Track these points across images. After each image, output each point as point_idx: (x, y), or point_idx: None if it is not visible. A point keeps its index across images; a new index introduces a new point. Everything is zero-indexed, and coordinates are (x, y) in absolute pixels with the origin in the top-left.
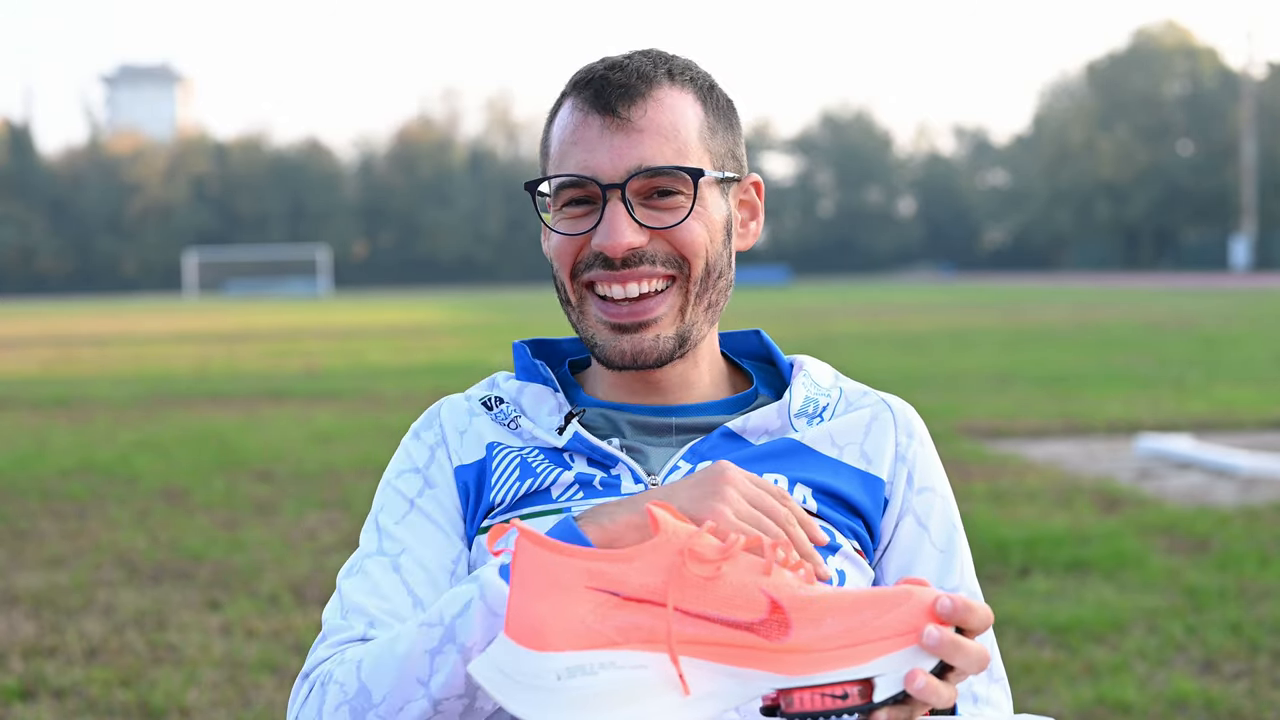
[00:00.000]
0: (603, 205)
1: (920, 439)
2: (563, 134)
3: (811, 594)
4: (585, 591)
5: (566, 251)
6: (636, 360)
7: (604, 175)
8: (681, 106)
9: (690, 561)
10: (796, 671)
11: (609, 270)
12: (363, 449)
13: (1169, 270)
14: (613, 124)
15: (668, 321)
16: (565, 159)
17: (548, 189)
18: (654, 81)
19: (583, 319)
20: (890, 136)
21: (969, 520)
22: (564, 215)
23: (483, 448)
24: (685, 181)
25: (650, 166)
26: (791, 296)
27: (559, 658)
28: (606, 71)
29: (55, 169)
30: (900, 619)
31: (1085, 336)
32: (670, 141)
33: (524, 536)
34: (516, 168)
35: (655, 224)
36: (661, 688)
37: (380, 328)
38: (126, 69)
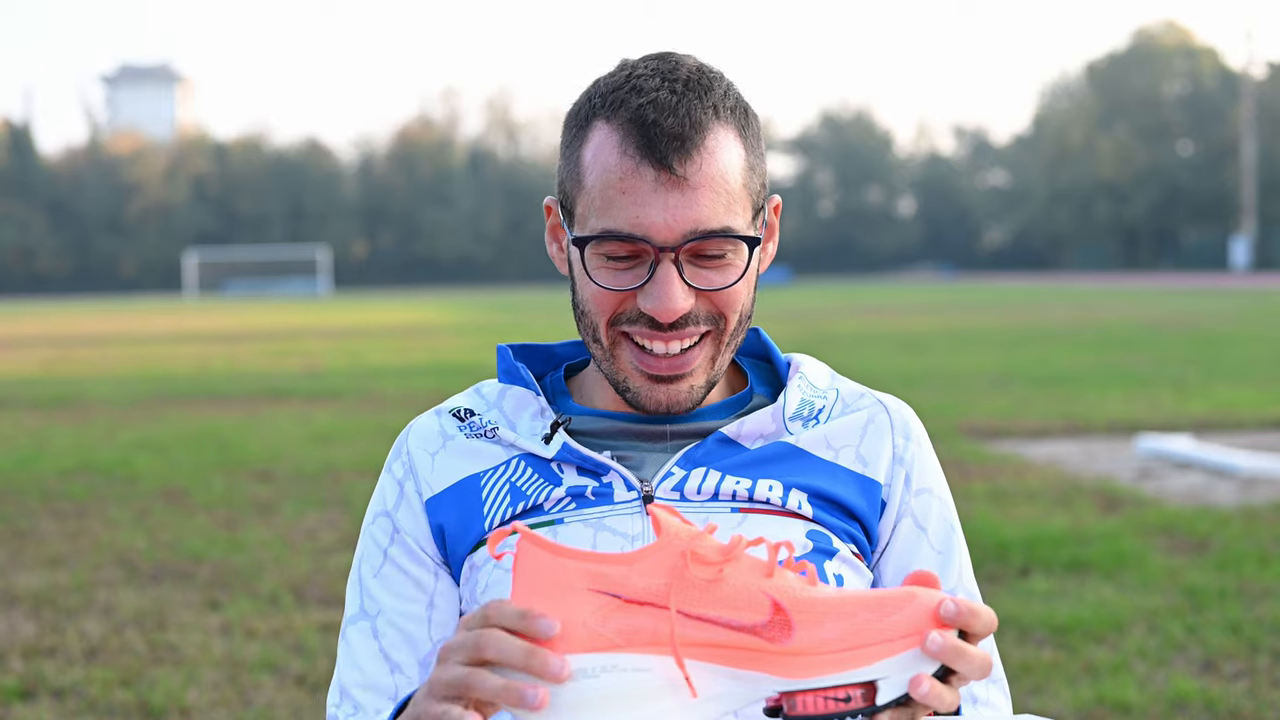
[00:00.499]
0: (652, 265)
1: (917, 440)
2: (606, 175)
3: (814, 596)
4: (587, 594)
5: (607, 304)
6: (671, 410)
7: (657, 237)
8: (728, 151)
9: (693, 563)
10: (800, 675)
11: (654, 330)
12: (363, 449)
13: (1169, 270)
14: (667, 180)
15: (701, 372)
16: (612, 208)
17: (584, 224)
18: (704, 127)
19: (614, 363)
20: (890, 136)
21: (969, 520)
22: (605, 265)
23: (458, 474)
24: (737, 248)
25: (706, 230)
26: (792, 296)
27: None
28: (657, 116)
29: (55, 169)
30: (904, 621)
31: (1085, 336)
32: (721, 197)
33: (525, 539)
34: (516, 168)
35: (703, 285)
36: (664, 690)
37: (380, 328)
38: (126, 69)
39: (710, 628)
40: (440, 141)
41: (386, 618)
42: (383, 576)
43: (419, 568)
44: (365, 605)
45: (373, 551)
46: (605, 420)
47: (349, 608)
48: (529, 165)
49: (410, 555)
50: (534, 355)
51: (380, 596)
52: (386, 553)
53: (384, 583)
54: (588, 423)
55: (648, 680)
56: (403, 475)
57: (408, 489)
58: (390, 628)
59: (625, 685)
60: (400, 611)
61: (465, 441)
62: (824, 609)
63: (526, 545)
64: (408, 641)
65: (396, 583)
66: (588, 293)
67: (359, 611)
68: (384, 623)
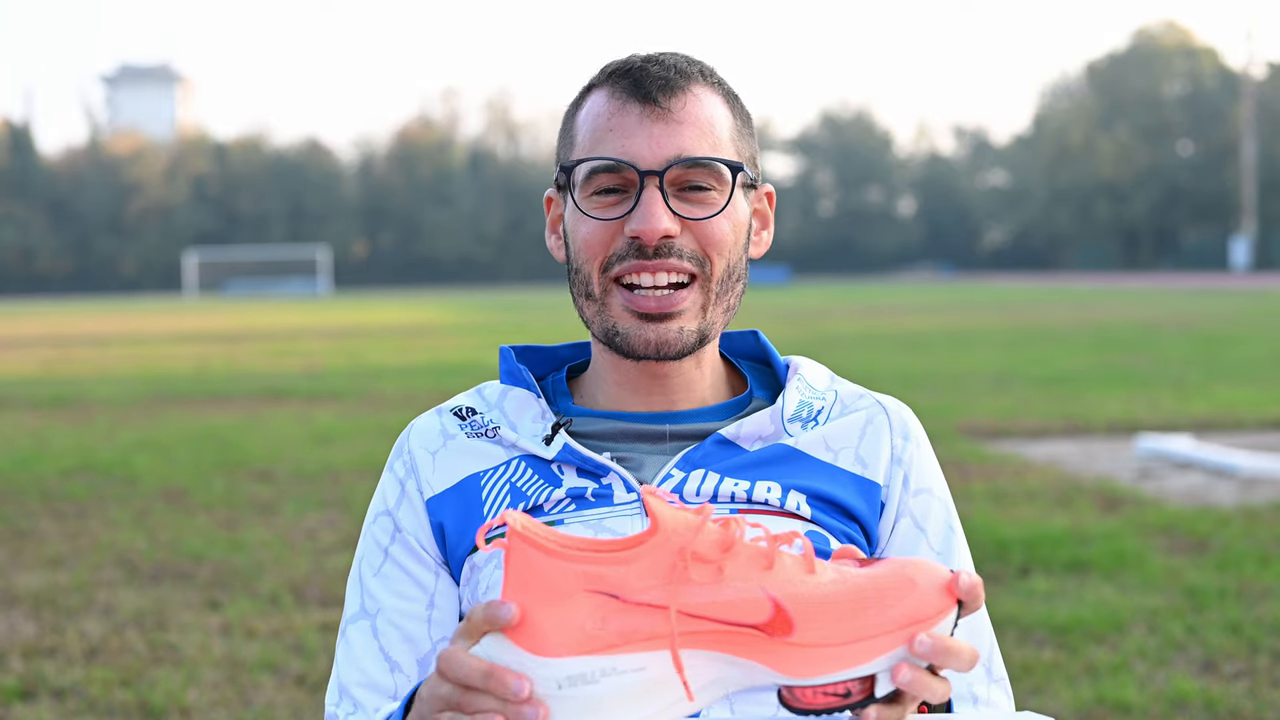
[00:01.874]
0: (639, 192)
1: (916, 440)
2: (596, 120)
3: (814, 591)
4: (584, 595)
5: (598, 240)
6: (660, 350)
7: (643, 161)
8: (715, 105)
9: (692, 563)
10: (799, 672)
11: (641, 259)
12: (363, 449)
13: (1169, 270)
14: (653, 112)
15: (690, 316)
16: (600, 144)
17: (577, 176)
18: (690, 78)
19: (604, 310)
20: (890, 136)
21: (969, 520)
22: (594, 203)
23: (459, 474)
24: (720, 177)
25: (690, 156)
26: (791, 296)
27: (559, 665)
28: (644, 63)
29: (55, 169)
30: (903, 614)
31: (1085, 336)
32: (707, 136)
33: (516, 538)
34: (516, 168)
35: (687, 215)
36: (663, 685)
37: (380, 328)
38: (126, 69)
39: (710, 623)
40: (440, 141)
41: (386, 616)
42: (383, 576)
43: (420, 567)
44: (365, 604)
45: (373, 550)
46: (606, 422)
47: (349, 607)
48: (529, 165)
49: (411, 554)
50: (535, 357)
51: (380, 595)
52: (387, 552)
53: (384, 582)
54: (588, 424)
55: (647, 678)
56: (404, 474)
57: (409, 488)
58: (390, 627)
59: (625, 687)
60: (400, 610)
61: (466, 441)
62: (824, 604)
63: (518, 544)
64: (407, 640)
65: (397, 582)
66: (580, 238)
67: (359, 610)
68: (384, 622)
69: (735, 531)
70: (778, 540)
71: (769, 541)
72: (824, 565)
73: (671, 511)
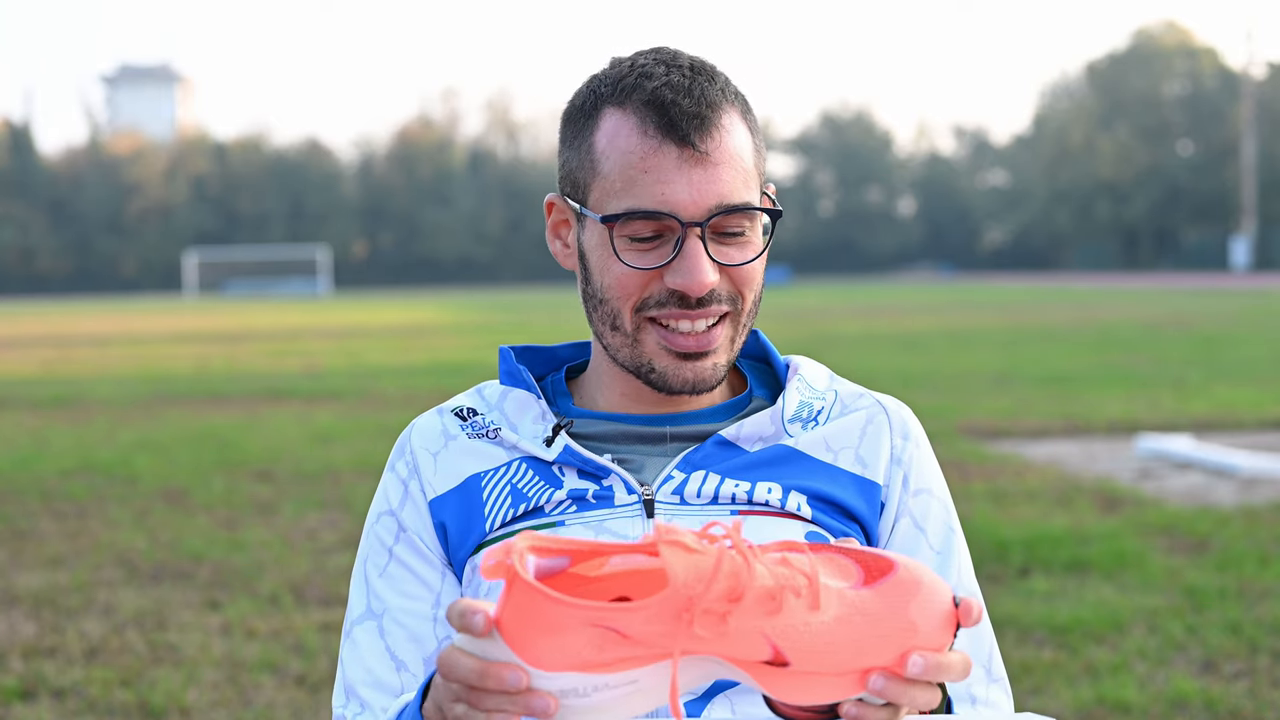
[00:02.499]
0: (679, 242)
1: (916, 440)
2: (626, 157)
3: (816, 636)
4: (585, 628)
5: (634, 285)
6: (696, 388)
7: (684, 212)
8: (739, 132)
9: (700, 619)
10: (789, 698)
11: (683, 308)
12: (363, 449)
13: (1169, 270)
14: (691, 157)
15: (723, 351)
16: (635, 188)
17: (603, 206)
18: (718, 107)
19: (637, 345)
20: (890, 136)
21: (969, 520)
22: (630, 247)
23: (461, 474)
24: (754, 217)
25: (729, 204)
26: (791, 296)
27: (553, 678)
28: (669, 91)
29: (55, 169)
30: (900, 654)
31: (1085, 336)
32: (739, 174)
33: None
34: (516, 168)
35: (726, 261)
36: (651, 691)
37: (380, 328)
38: (126, 69)
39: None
40: (440, 141)
41: (392, 616)
42: (388, 575)
43: (425, 565)
44: (371, 604)
45: (377, 551)
46: (606, 423)
47: (353, 608)
48: (529, 165)
49: (416, 553)
50: (535, 357)
51: (386, 595)
52: (392, 551)
53: (389, 581)
54: (589, 425)
55: (638, 687)
56: (406, 475)
57: (412, 488)
58: (396, 626)
59: (616, 699)
60: (406, 610)
61: (467, 441)
62: (825, 648)
63: (520, 585)
64: (414, 640)
65: (402, 581)
66: (611, 277)
67: (365, 611)
68: (390, 621)
69: (745, 575)
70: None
71: (776, 580)
72: (829, 596)
73: (685, 565)
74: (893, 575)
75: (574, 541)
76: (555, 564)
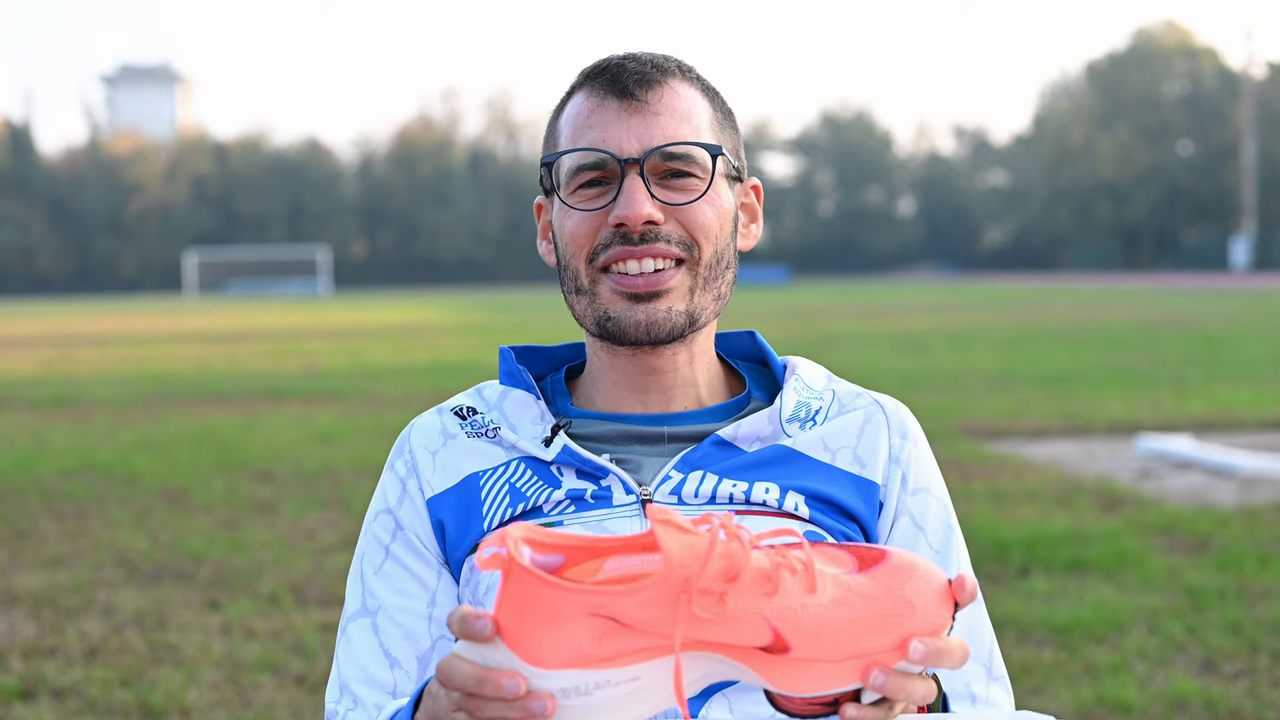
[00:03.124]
0: (620, 180)
1: (914, 440)
2: (576, 119)
3: (814, 616)
4: (584, 618)
5: (583, 233)
6: (650, 331)
7: (622, 151)
8: (693, 98)
9: (697, 598)
10: (788, 687)
11: (627, 245)
12: (363, 449)
13: (1169, 270)
14: (630, 106)
15: (679, 296)
16: (580, 140)
17: (560, 175)
18: (668, 72)
19: (595, 300)
20: (890, 136)
21: (969, 520)
22: (578, 197)
23: (459, 473)
24: (701, 164)
25: (669, 143)
26: (791, 296)
27: (554, 676)
28: (621, 60)
29: (55, 169)
30: (898, 638)
31: (1085, 336)
32: (685, 123)
33: (517, 573)
34: (516, 168)
35: (670, 201)
36: (654, 690)
37: (380, 328)
38: (126, 69)
39: (709, 645)
40: (440, 141)
41: (387, 614)
42: (384, 573)
43: (422, 564)
44: (366, 602)
45: (374, 548)
46: (604, 424)
47: (349, 605)
48: (529, 165)
49: (413, 552)
50: (535, 357)
51: (381, 593)
52: (388, 549)
53: (385, 579)
54: (587, 426)
55: (640, 685)
56: (405, 473)
57: (410, 487)
58: (391, 624)
59: (619, 696)
60: (401, 608)
61: (466, 440)
62: (822, 627)
63: (517, 571)
64: (408, 638)
65: (398, 579)
66: (567, 233)
67: (360, 608)
68: (385, 619)
69: (740, 556)
70: (780, 551)
71: (771, 562)
72: (824, 580)
73: (679, 542)
74: (886, 562)
75: (568, 536)
76: (550, 561)
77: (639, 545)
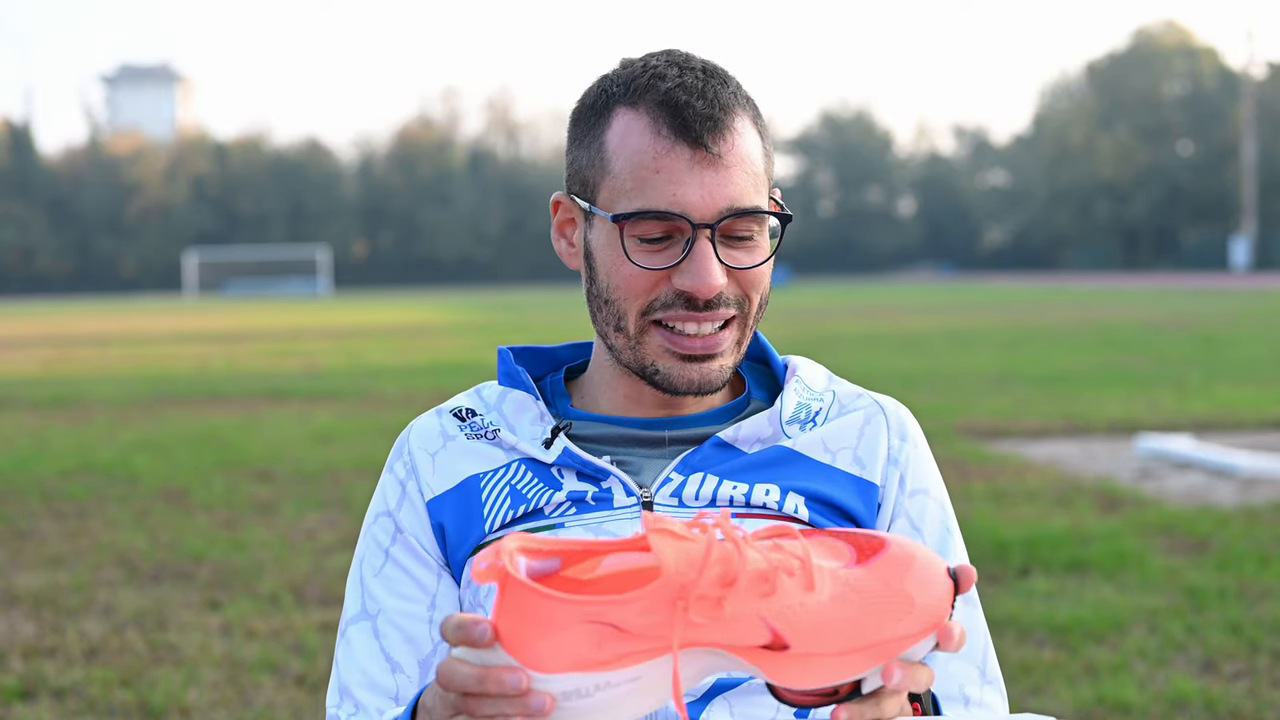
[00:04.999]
0: (688, 243)
1: (913, 441)
2: (638, 157)
3: (813, 615)
4: (582, 625)
5: (642, 286)
6: (702, 388)
7: (695, 213)
8: (750, 133)
9: (694, 605)
10: (790, 681)
11: (690, 310)
12: (363, 449)
13: (1169, 270)
14: (703, 159)
15: (729, 354)
16: (646, 188)
17: (613, 206)
18: (730, 111)
19: (640, 348)
20: (890, 136)
21: (969, 520)
22: (639, 247)
23: (459, 475)
24: (764, 221)
25: (740, 207)
26: (791, 296)
27: (554, 680)
28: (683, 92)
29: (55, 169)
30: (899, 631)
31: (1085, 336)
32: (750, 177)
33: (513, 588)
34: (516, 168)
35: (734, 264)
36: (654, 686)
37: (380, 328)
38: (126, 69)
39: (708, 649)
40: (440, 141)
41: (387, 617)
42: (384, 576)
43: (422, 567)
44: (366, 605)
45: (374, 551)
46: (605, 425)
47: (349, 608)
48: (529, 165)
49: (413, 555)
50: (534, 358)
51: (381, 596)
52: (388, 552)
53: (385, 582)
54: (588, 428)
55: (640, 684)
56: (405, 475)
57: (410, 489)
58: (391, 627)
59: (620, 697)
60: (401, 611)
61: (466, 442)
62: (821, 624)
63: (513, 585)
64: (409, 641)
65: (398, 582)
66: (620, 277)
67: (360, 611)
68: (385, 622)
69: (737, 560)
70: (777, 547)
71: (768, 562)
72: (823, 577)
73: (675, 551)
74: (885, 552)
75: (563, 541)
76: (546, 566)
77: (634, 546)
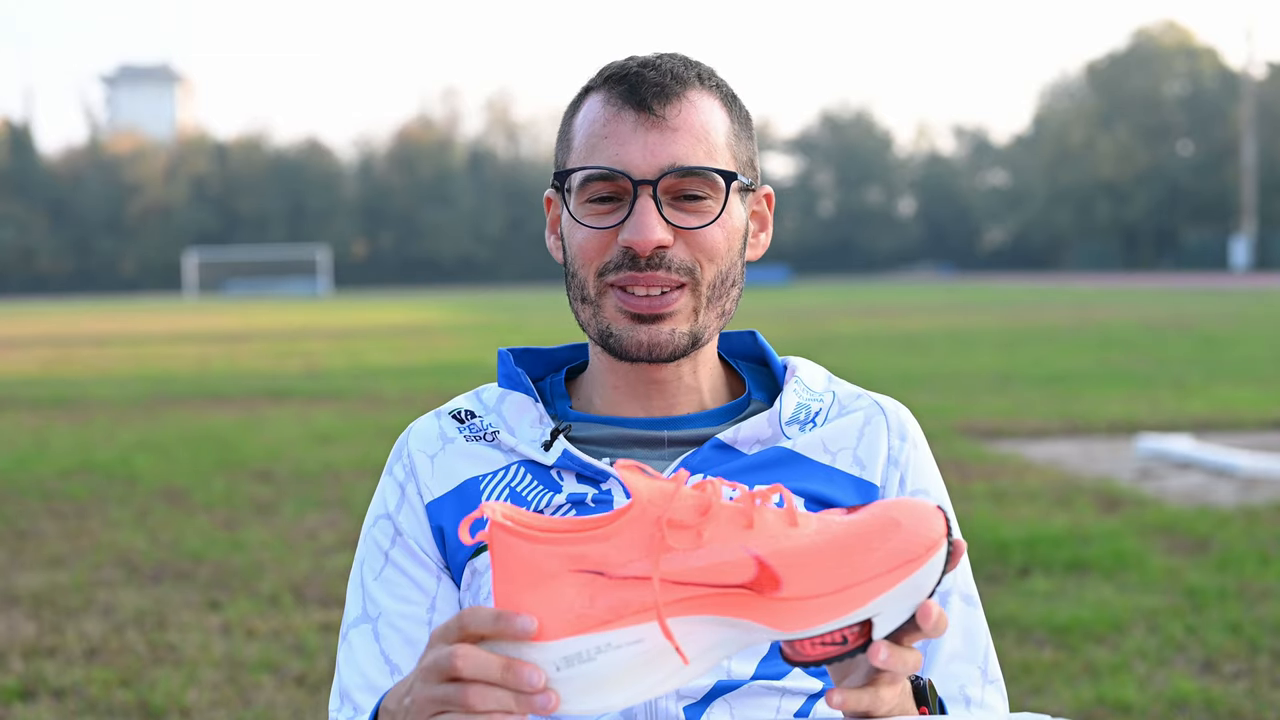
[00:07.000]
0: (632, 200)
1: (913, 441)
2: (591, 126)
3: (798, 544)
4: (571, 575)
5: (593, 248)
6: (652, 352)
7: (636, 170)
8: (712, 110)
9: (670, 531)
10: (793, 627)
11: (634, 270)
12: (363, 449)
13: (1169, 270)
14: (647, 120)
15: (682, 318)
16: (595, 151)
17: (572, 182)
18: (687, 82)
19: (599, 312)
20: (890, 136)
21: (969, 520)
22: (589, 210)
23: (458, 477)
24: (714, 185)
25: (684, 165)
26: (791, 296)
27: (554, 647)
28: (640, 69)
29: (55, 169)
30: (891, 554)
31: (1085, 336)
32: (702, 143)
33: (497, 528)
34: (516, 168)
35: (680, 224)
36: (661, 656)
37: (380, 328)
38: (126, 69)
39: (697, 588)
40: (440, 141)
41: (388, 620)
42: (384, 579)
43: (421, 570)
44: (367, 608)
45: (374, 554)
46: (604, 427)
47: (349, 611)
48: (529, 165)
49: (412, 557)
50: (534, 360)
51: (381, 599)
52: (388, 555)
53: (385, 585)
54: (587, 429)
55: (644, 649)
56: (404, 478)
57: (409, 491)
58: (392, 630)
59: (624, 661)
60: (402, 614)
61: (465, 444)
62: (809, 556)
63: (500, 534)
64: (409, 644)
65: (398, 585)
66: (575, 244)
67: (360, 614)
68: (385, 625)
69: (712, 495)
70: (757, 496)
71: (746, 499)
72: (807, 518)
73: (646, 482)
74: (873, 503)
75: (547, 520)
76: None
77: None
